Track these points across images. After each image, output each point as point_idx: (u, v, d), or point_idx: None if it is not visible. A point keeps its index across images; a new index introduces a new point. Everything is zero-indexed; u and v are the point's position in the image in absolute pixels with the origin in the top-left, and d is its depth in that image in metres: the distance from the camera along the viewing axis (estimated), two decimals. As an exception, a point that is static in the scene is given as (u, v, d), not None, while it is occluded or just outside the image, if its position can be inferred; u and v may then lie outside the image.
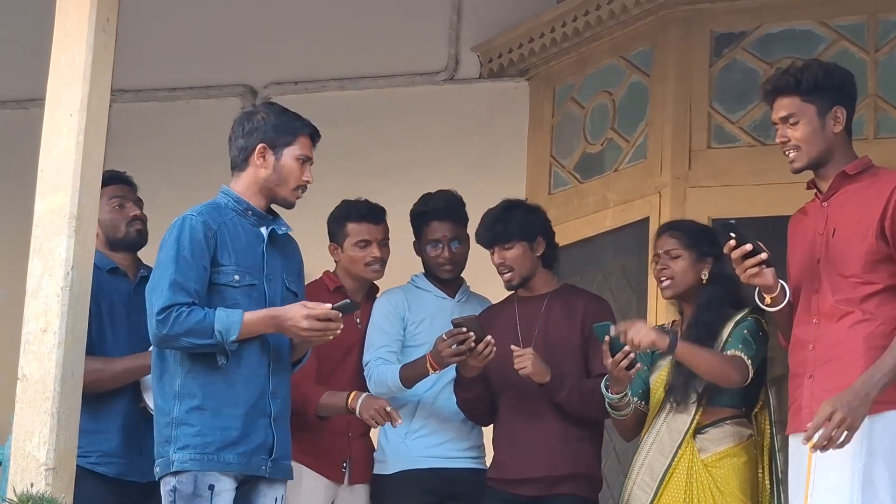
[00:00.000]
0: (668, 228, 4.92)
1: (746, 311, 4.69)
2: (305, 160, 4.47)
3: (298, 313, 4.27)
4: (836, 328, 4.24)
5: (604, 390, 4.73)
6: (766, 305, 4.38)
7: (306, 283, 4.80)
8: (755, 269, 4.27)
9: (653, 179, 6.29)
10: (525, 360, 4.88)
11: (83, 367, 4.47)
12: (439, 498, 5.15)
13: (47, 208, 4.48)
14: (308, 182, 4.49)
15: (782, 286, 4.33)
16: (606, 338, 4.60)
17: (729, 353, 4.62)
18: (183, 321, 4.19)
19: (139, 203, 5.17)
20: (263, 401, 4.31)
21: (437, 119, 7.17)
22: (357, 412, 4.98)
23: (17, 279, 4.82)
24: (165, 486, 4.25)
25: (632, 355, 4.60)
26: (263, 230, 4.44)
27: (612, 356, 4.60)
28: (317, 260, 5.36)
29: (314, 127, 4.54)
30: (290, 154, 4.45)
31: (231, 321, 4.21)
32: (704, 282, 4.77)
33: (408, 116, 7.22)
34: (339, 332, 4.36)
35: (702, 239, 4.82)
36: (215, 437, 4.21)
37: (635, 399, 4.78)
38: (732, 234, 4.27)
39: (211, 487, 4.19)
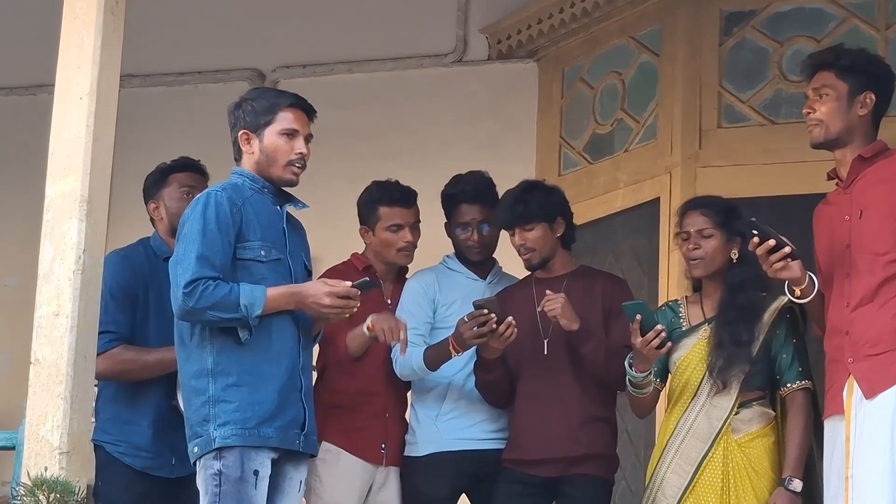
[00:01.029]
0: (699, 206, 4.80)
1: (785, 300, 4.60)
2: (292, 133, 4.38)
3: (320, 290, 4.27)
4: (869, 310, 4.27)
5: (627, 368, 4.71)
6: (797, 298, 4.39)
7: (320, 265, 4.80)
8: (781, 264, 4.29)
9: (663, 160, 6.28)
10: (555, 303, 4.86)
11: (96, 351, 4.48)
12: (471, 480, 5.14)
13: (58, 192, 4.47)
14: (302, 154, 4.39)
15: (810, 277, 4.34)
16: (638, 317, 4.57)
17: (797, 384, 4.60)
18: (210, 295, 4.17)
19: None
20: (295, 376, 4.29)
21: (446, 101, 7.16)
22: (370, 324, 4.89)
23: (29, 264, 4.82)
24: (207, 470, 4.18)
25: (663, 334, 4.57)
26: (279, 208, 4.41)
27: (643, 335, 4.58)
28: (326, 243, 5.36)
29: (296, 97, 4.43)
30: (271, 132, 4.37)
31: (255, 296, 4.20)
32: (735, 261, 4.70)
33: (417, 98, 7.21)
34: (355, 310, 4.35)
35: (731, 217, 4.74)
36: (253, 412, 4.18)
37: (653, 378, 4.76)
38: (755, 232, 4.27)
39: (256, 473, 4.16)
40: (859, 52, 4.45)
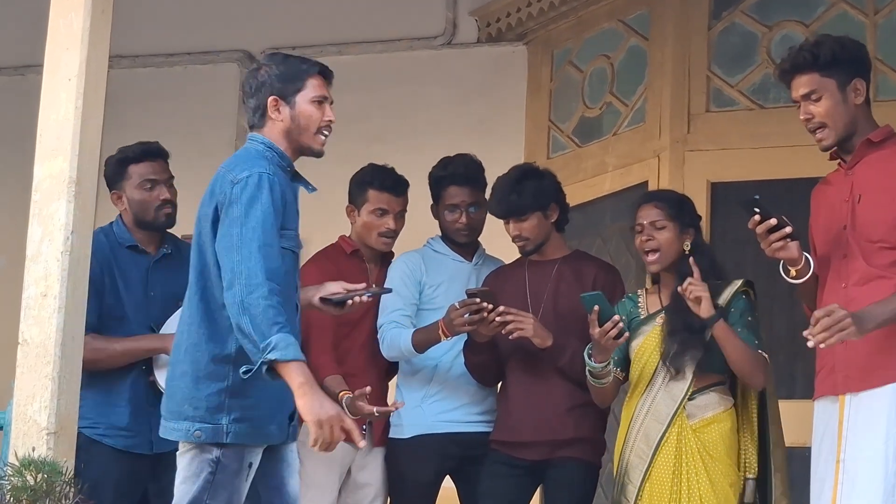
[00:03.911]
0: (651, 199, 4.88)
1: (741, 283, 4.70)
2: (322, 100, 4.21)
3: (335, 416, 3.90)
4: (865, 292, 4.24)
5: (587, 358, 4.75)
6: (791, 278, 4.37)
7: (309, 247, 4.79)
8: (780, 244, 4.27)
9: (651, 143, 6.29)
10: (525, 324, 4.89)
11: (84, 332, 4.47)
12: (455, 462, 5.17)
13: (46, 173, 4.47)
14: (331, 121, 4.22)
15: (806, 258, 4.33)
16: (595, 307, 4.62)
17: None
18: (266, 311, 3.84)
19: (170, 181, 5.04)
20: None
21: (435, 84, 7.16)
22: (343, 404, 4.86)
23: (17, 245, 4.82)
24: (203, 454, 3.99)
25: (620, 325, 4.62)
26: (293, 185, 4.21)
27: (601, 325, 4.62)
28: (314, 224, 5.36)
29: (322, 65, 4.29)
30: (303, 99, 4.19)
31: (287, 345, 3.81)
32: (687, 252, 4.76)
33: (406, 81, 7.21)
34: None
35: (684, 209, 4.82)
36: (267, 408, 4.02)
37: (613, 367, 4.79)
38: (757, 209, 4.26)
39: (250, 465, 4.03)
40: (832, 44, 4.35)
